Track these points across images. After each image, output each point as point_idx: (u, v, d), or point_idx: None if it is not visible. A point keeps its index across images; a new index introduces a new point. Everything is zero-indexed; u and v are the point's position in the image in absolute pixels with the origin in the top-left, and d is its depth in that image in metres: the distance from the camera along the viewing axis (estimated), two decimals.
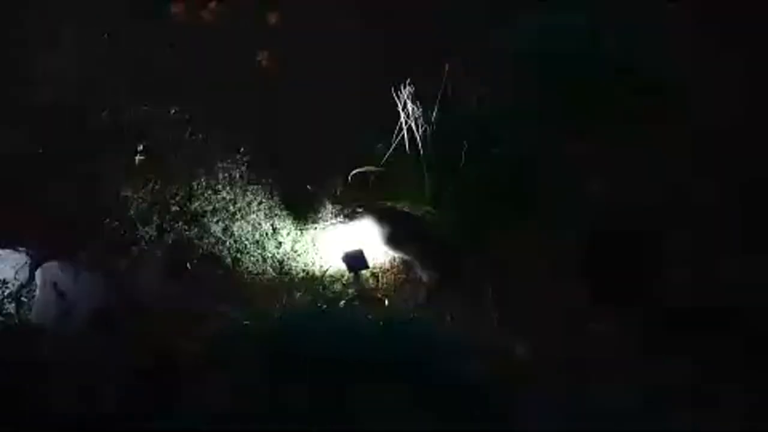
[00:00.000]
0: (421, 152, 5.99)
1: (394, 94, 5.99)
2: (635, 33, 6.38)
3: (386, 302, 5.61)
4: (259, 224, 6.01)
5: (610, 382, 5.03)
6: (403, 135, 6.00)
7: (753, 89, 6.23)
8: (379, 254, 5.83)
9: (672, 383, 5.02)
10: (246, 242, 5.93)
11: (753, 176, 5.86)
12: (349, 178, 5.89)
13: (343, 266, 5.73)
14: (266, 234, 5.98)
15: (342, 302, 5.59)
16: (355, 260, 5.70)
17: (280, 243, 5.95)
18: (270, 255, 5.89)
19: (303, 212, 6.06)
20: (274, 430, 4.66)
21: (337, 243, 5.85)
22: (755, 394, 4.93)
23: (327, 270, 5.79)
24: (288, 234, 5.99)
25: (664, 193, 5.87)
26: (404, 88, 5.94)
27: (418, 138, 5.98)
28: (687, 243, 5.63)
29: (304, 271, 5.81)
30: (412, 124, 5.95)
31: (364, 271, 5.73)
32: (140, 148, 6.21)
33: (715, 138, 6.04)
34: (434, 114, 5.94)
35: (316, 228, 5.99)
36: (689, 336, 5.23)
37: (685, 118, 6.14)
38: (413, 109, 5.93)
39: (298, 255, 5.90)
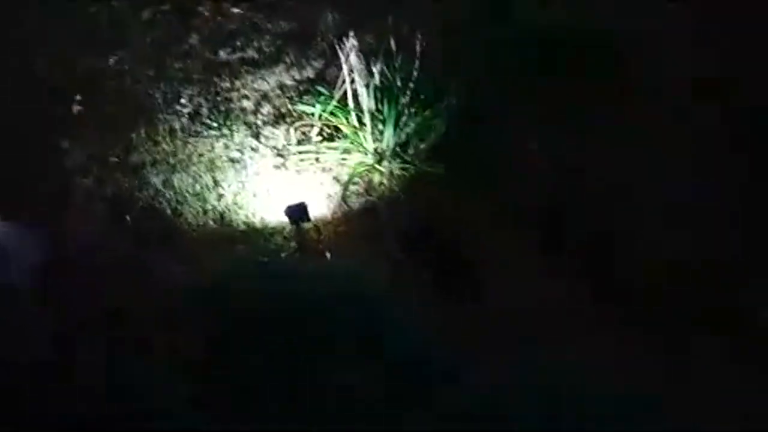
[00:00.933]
0: (364, 105, 5.92)
1: (338, 47, 5.94)
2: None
3: (328, 256, 5.56)
4: (200, 176, 5.94)
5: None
6: (346, 89, 5.95)
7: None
8: (322, 207, 5.78)
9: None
10: (186, 194, 5.85)
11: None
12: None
13: (284, 219, 5.65)
14: (207, 186, 5.91)
15: (283, 254, 5.52)
16: (297, 212, 5.62)
17: (221, 195, 5.88)
18: (211, 207, 5.82)
19: (245, 165, 5.99)
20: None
21: (279, 196, 5.79)
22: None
23: (268, 223, 5.72)
24: (229, 186, 5.91)
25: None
26: (347, 40, 5.86)
27: (361, 91, 5.91)
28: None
29: (245, 223, 5.74)
30: (356, 77, 5.88)
31: (305, 224, 5.66)
32: (78, 98, 6.13)
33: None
34: (377, 67, 5.89)
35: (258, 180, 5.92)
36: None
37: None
38: (356, 61, 5.85)
39: (240, 208, 5.82)
